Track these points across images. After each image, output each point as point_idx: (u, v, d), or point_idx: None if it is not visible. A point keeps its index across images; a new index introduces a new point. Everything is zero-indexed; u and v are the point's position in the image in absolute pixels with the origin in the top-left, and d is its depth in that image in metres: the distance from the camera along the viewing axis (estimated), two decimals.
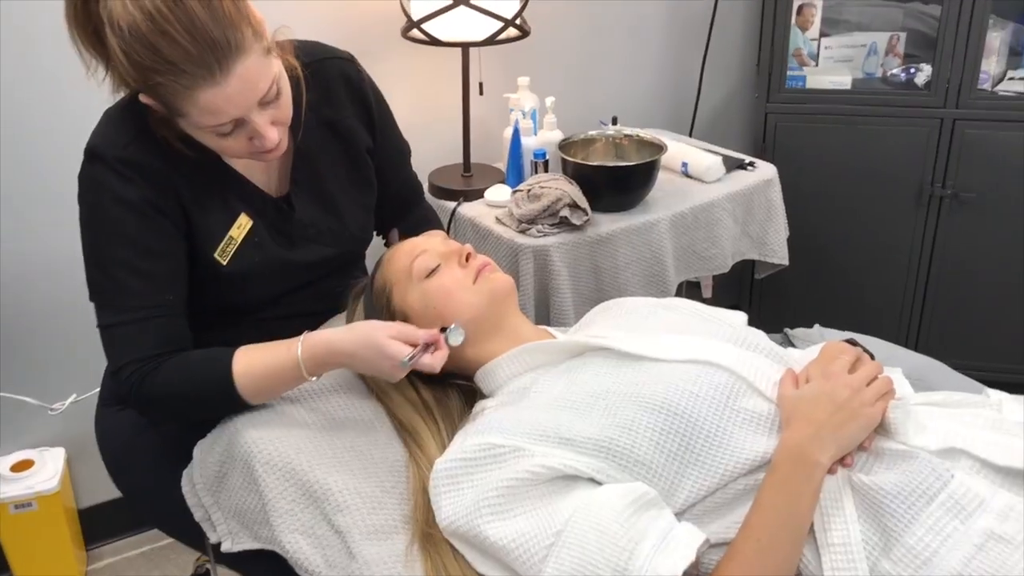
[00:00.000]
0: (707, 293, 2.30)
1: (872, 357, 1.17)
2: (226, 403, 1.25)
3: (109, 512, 2.16)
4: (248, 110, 1.16)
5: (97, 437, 1.49)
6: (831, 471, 1.04)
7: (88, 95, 1.23)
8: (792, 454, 1.04)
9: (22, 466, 2.00)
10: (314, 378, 1.24)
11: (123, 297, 1.24)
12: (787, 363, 1.20)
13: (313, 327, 1.42)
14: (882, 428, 1.09)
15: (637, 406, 1.09)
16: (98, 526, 2.17)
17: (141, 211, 1.22)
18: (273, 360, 1.23)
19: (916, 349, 2.52)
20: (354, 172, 1.44)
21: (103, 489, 2.12)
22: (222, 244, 1.30)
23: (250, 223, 1.32)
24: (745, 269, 2.49)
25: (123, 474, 1.48)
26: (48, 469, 2.00)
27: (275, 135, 1.21)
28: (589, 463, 1.07)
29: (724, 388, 1.11)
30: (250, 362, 1.23)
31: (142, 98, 1.18)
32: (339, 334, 1.23)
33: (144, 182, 1.22)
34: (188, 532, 1.34)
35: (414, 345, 1.20)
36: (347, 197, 1.43)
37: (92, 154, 1.24)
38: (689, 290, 2.32)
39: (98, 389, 1.52)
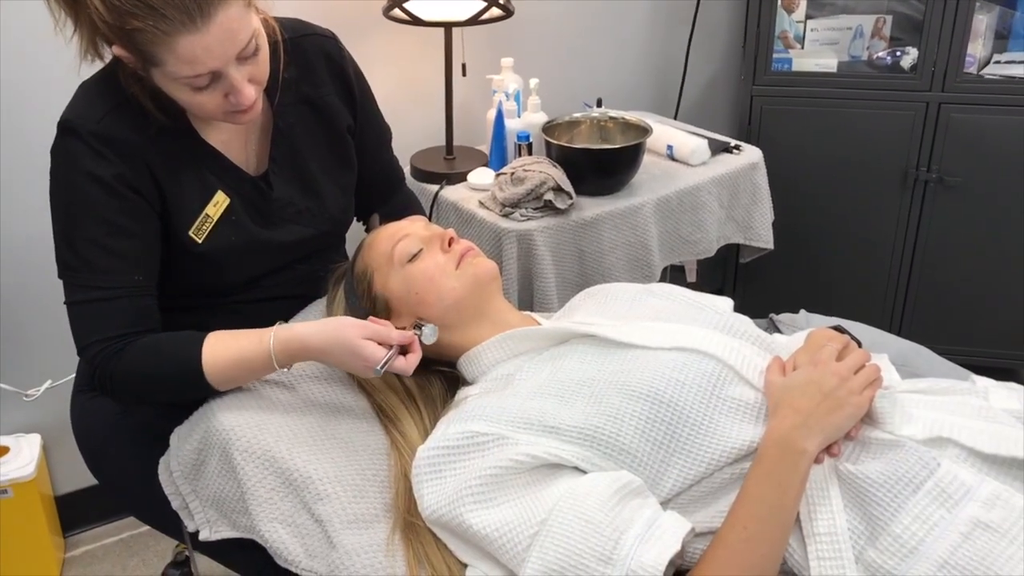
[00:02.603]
0: (691, 277, 2.29)
1: (859, 344, 1.16)
2: (193, 388, 1.22)
3: (86, 499, 2.13)
4: (226, 62, 1.13)
5: (73, 424, 1.47)
6: (818, 460, 1.04)
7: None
8: (779, 443, 1.03)
9: None
10: (285, 369, 1.22)
11: (91, 275, 1.21)
12: (773, 350, 1.19)
13: (292, 312, 1.40)
14: (869, 417, 1.08)
15: (622, 394, 1.08)
16: (75, 513, 2.15)
17: (113, 188, 1.20)
18: (243, 349, 1.20)
19: (900, 334, 2.51)
20: (334, 151, 1.42)
21: (80, 476, 2.09)
22: (198, 222, 1.27)
23: (227, 201, 1.29)
24: (729, 253, 2.47)
25: (99, 462, 1.46)
26: (24, 456, 1.97)
27: (251, 93, 1.18)
28: (574, 451, 1.06)
29: (710, 376, 1.10)
30: (220, 349, 1.21)
31: (114, 50, 1.14)
32: (312, 329, 1.20)
33: (118, 158, 1.19)
34: (166, 520, 1.32)
35: (388, 346, 1.18)
36: (327, 177, 1.40)
37: (65, 128, 1.20)
38: (673, 274, 2.30)
39: (73, 375, 1.50)
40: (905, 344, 1.43)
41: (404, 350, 1.21)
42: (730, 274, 2.61)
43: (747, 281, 2.60)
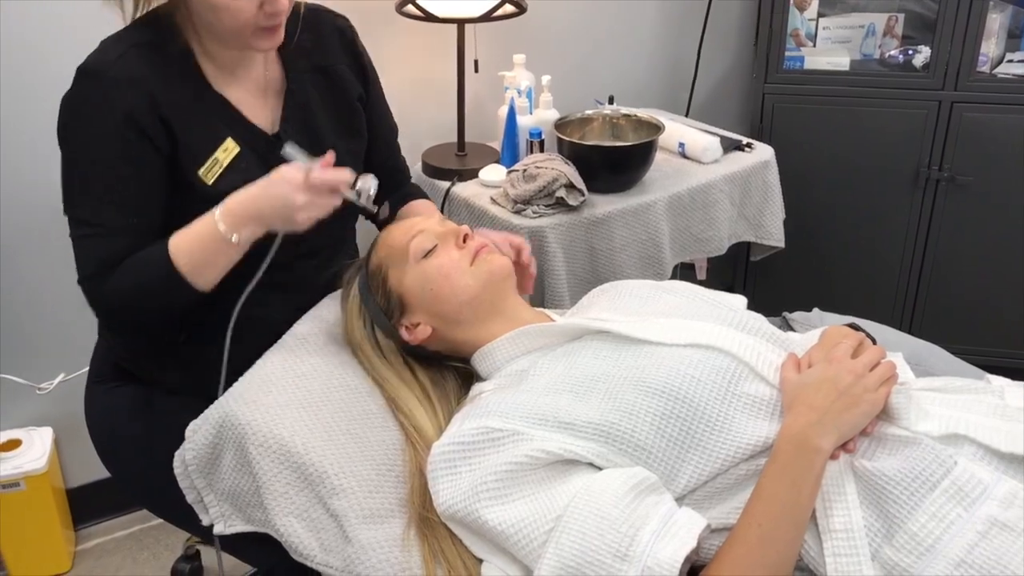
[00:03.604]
0: (701, 275, 2.29)
1: (874, 342, 1.16)
2: (172, 285, 1.22)
3: (98, 492, 2.14)
4: None
5: (87, 416, 1.48)
6: (833, 457, 1.03)
7: None
8: (794, 440, 1.03)
9: (10, 446, 1.98)
10: (234, 237, 1.20)
11: (92, 212, 1.24)
12: (788, 347, 1.19)
13: (300, 294, 1.40)
14: (884, 414, 1.08)
15: (638, 390, 1.08)
16: (87, 506, 2.15)
17: (121, 131, 1.22)
18: (198, 227, 1.22)
19: (911, 333, 2.51)
20: (344, 119, 1.44)
21: (91, 469, 2.11)
22: (208, 163, 1.29)
23: (237, 149, 1.31)
24: (739, 251, 2.47)
25: (113, 454, 1.46)
26: (36, 449, 1.98)
27: (286, 3, 1.22)
28: (589, 447, 1.06)
29: (726, 373, 1.10)
30: (180, 236, 1.23)
31: None
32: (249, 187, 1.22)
33: (131, 97, 1.22)
34: (179, 514, 1.32)
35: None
36: (338, 142, 1.40)
37: (81, 72, 1.24)
38: (683, 272, 2.30)
39: (86, 369, 1.50)
40: (919, 343, 1.43)
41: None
42: (740, 272, 2.61)
43: (757, 279, 2.60)
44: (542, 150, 2.01)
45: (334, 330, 1.37)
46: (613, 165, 1.95)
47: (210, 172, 1.29)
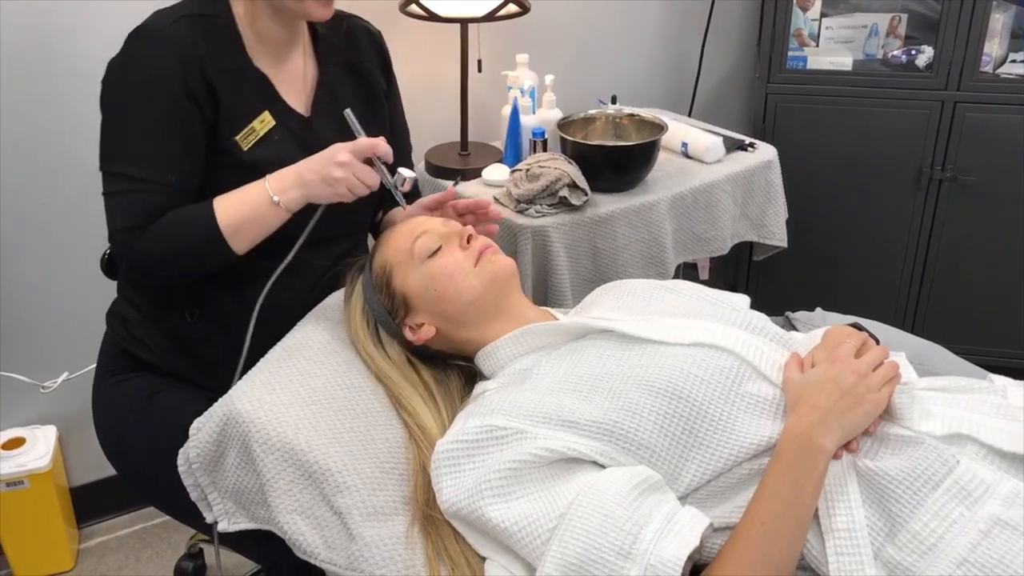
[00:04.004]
0: (704, 275, 2.29)
1: (877, 342, 1.16)
2: (209, 242, 1.27)
3: (101, 491, 2.14)
4: None
5: (93, 410, 1.49)
6: (836, 456, 1.04)
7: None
8: (797, 439, 1.03)
9: (13, 444, 1.98)
10: (277, 198, 1.26)
11: (133, 166, 1.28)
12: (791, 347, 1.19)
13: (307, 285, 1.43)
14: (887, 413, 1.08)
15: (641, 389, 1.08)
16: (90, 504, 2.16)
17: (170, 89, 1.27)
18: (245, 189, 1.29)
19: (913, 332, 2.51)
20: (369, 110, 1.49)
21: (95, 467, 2.12)
22: (244, 131, 1.34)
23: (272, 122, 1.37)
24: (742, 251, 2.47)
25: (118, 450, 1.47)
26: (40, 447, 1.98)
27: None
28: (592, 446, 1.06)
29: (729, 372, 1.10)
30: (226, 199, 1.29)
31: None
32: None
33: (181, 58, 1.28)
34: (184, 510, 1.32)
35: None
36: (364, 129, 1.42)
37: (134, 34, 1.30)
38: (686, 272, 2.30)
39: (90, 367, 1.51)
40: (922, 343, 1.43)
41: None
42: (743, 272, 2.61)
43: (760, 279, 2.60)
44: (545, 149, 2.01)
45: (338, 329, 1.38)
46: (616, 165, 1.95)
47: (246, 139, 1.34)
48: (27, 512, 1.97)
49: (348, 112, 1.33)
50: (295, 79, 1.43)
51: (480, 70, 2.06)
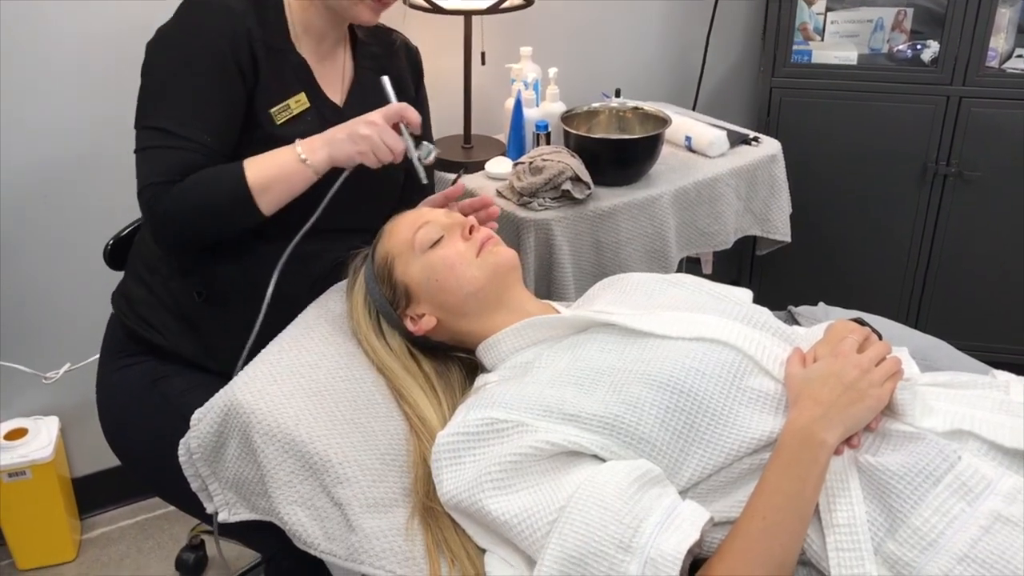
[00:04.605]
0: (707, 269, 2.28)
1: (880, 337, 1.16)
2: (236, 198, 1.29)
3: (104, 481, 2.15)
4: None
5: (97, 395, 1.49)
6: (837, 452, 1.03)
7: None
8: (799, 434, 1.03)
9: (16, 434, 1.98)
10: (304, 155, 1.29)
11: (174, 122, 1.30)
12: (794, 341, 1.19)
13: (319, 271, 1.45)
14: (889, 409, 1.07)
15: (643, 383, 1.08)
16: (92, 495, 2.16)
17: (218, 53, 1.32)
18: (275, 151, 1.32)
19: (916, 327, 2.50)
20: None
21: (97, 458, 2.12)
22: (279, 106, 1.39)
23: (307, 104, 1.42)
24: (745, 245, 2.47)
25: (120, 437, 1.48)
26: (42, 438, 1.99)
27: None
28: (593, 440, 1.06)
29: (731, 367, 1.10)
30: (257, 160, 1.31)
31: None
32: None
33: (231, 25, 1.33)
34: (185, 499, 1.33)
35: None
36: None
37: (187, 1, 1.35)
38: (689, 266, 2.30)
39: (93, 358, 1.51)
40: (925, 339, 1.43)
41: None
42: (746, 266, 2.61)
43: (763, 273, 2.60)
44: (548, 143, 2.01)
45: (340, 320, 1.38)
46: (619, 158, 1.94)
47: (280, 115, 1.39)
48: (29, 503, 1.98)
49: (385, 79, 1.38)
50: (334, 73, 1.49)
51: (484, 63, 2.06)
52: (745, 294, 1.38)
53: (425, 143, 1.37)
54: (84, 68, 1.84)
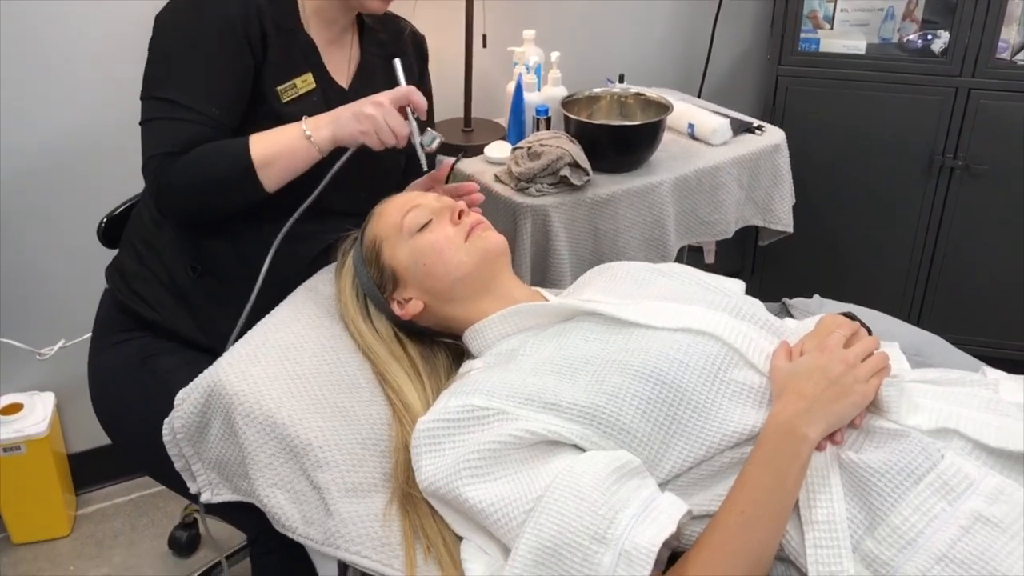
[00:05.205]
0: (709, 258, 2.27)
1: (869, 332, 1.14)
2: (239, 171, 1.29)
3: (99, 457, 2.16)
4: None
5: (88, 371, 1.49)
6: (819, 447, 1.02)
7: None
8: (781, 428, 1.01)
9: (11, 409, 1.99)
10: (309, 131, 1.30)
11: (183, 94, 1.30)
12: (782, 334, 1.17)
13: (319, 243, 1.45)
14: (874, 406, 1.06)
15: (625, 373, 1.07)
16: (88, 471, 2.17)
17: (229, 27, 1.32)
18: (283, 128, 1.33)
19: (919, 322, 2.49)
20: None
21: (93, 434, 2.12)
22: (286, 84, 1.39)
23: (314, 84, 1.43)
24: (748, 234, 2.45)
25: (110, 414, 1.48)
26: (37, 413, 1.99)
27: None
28: (573, 429, 1.05)
29: (715, 359, 1.09)
30: (262, 136, 1.32)
31: None
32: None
33: (243, 3, 1.33)
34: (172, 477, 1.33)
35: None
36: None
37: None
38: (691, 254, 2.28)
39: (87, 336, 1.51)
40: (919, 333, 1.41)
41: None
42: (748, 255, 2.59)
43: (765, 263, 2.58)
44: (548, 128, 1.99)
45: (329, 302, 1.37)
46: (619, 145, 1.92)
47: (286, 93, 1.39)
48: (24, 478, 1.99)
49: (397, 61, 1.39)
50: (341, 56, 1.49)
51: (485, 45, 2.04)
52: (737, 285, 1.36)
53: (430, 130, 1.36)
54: (81, 50, 1.84)
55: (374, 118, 1.29)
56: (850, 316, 1.18)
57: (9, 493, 2.00)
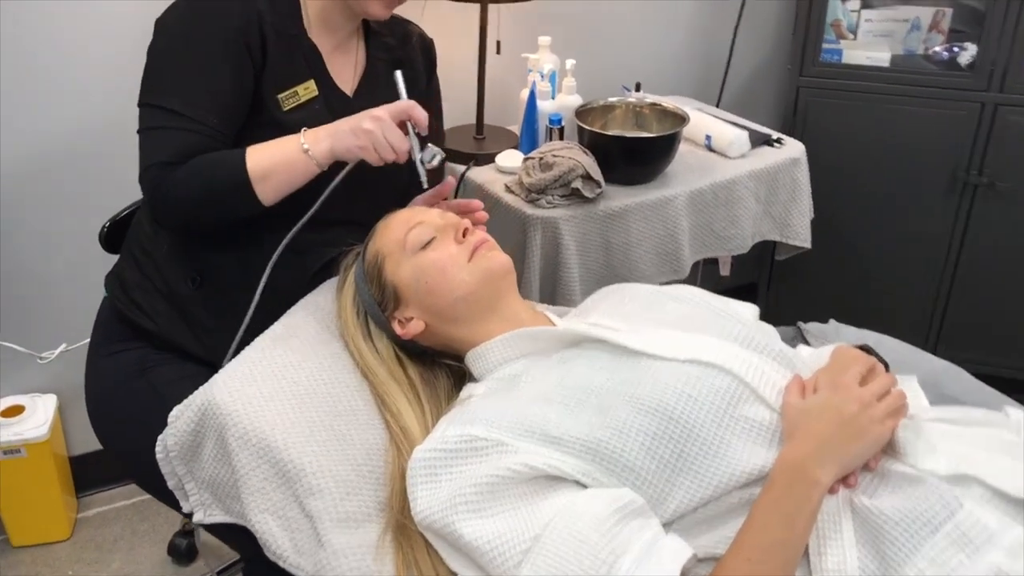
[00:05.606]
0: (725, 271, 2.22)
1: (887, 367, 1.09)
2: (236, 184, 1.26)
3: (100, 461, 2.13)
4: None
5: (85, 379, 1.48)
6: (832, 491, 0.98)
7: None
8: (791, 470, 0.97)
9: (12, 412, 1.97)
10: (307, 145, 1.26)
11: (182, 103, 1.28)
12: (795, 367, 1.13)
13: (321, 255, 1.42)
14: (890, 448, 1.02)
15: (630, 407, 1.03)
16: (89, 474, 2.16)
17: (229, 35, 1.29)
18: (281, 140, 1.30)
19: (938, 343, 2.43)
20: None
21: (95, 438, 2.10)
22: (287, 92, 1.36)
23: (316, 92, 1.39)
24: (765, 247, 2.40)
25: (105, 424, 1.46)
26: (39, 416, 1.98)
27: None
28: (575, 465, 1.01)
29: (725, 393, 1.04)
30: (259, 148, 1.28)
31: None
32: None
33: (243, 9, 1.31)
34: (164, 492, 1.30)
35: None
36: None
37: None
38: (707, 267, 2.24)
39: (88, 340, 1.49)
40: (939, 363, 1.35)
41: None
42: (764, 270, 2.54)
43: (782, 279, 2.52)
44: (562, 137, 1.95)
45: (329, 318, 1.34)
46: (634, 156, 1.88)
47: (288, 101, 1.36)
48: (24, 481, 1.97)
49: (398, 74, 1.35)
50: (347, 62, 1.46)
51: (499, 52, 1.99)
52: (750, 310, 1.31)
53: (431, 146, 1.32)
54: (82, 53, 1.82)
55: (372, 133, 1.25)
56: (866, 349, 1.14)
57: (9, 496, 1.98)
